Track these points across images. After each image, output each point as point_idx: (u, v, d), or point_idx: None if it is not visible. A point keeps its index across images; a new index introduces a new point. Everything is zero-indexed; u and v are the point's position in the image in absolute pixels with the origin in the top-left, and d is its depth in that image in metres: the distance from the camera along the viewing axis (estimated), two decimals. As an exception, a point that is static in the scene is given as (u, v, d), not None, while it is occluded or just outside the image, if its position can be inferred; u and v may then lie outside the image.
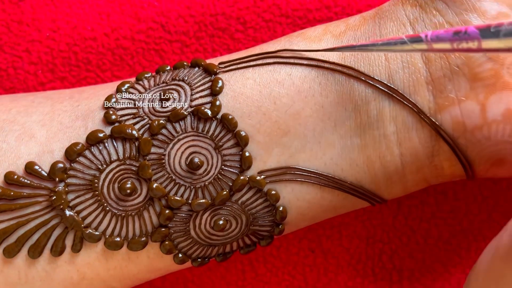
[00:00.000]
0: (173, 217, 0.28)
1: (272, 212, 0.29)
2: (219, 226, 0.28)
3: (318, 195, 0.29)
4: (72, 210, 0.28)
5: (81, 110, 0.29)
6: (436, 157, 0.28)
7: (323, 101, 0.28)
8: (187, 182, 0.28)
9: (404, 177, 0.29)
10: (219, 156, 0.28)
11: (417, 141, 0.28)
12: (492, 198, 0.36)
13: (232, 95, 0.28)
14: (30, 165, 0.28)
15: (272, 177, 0.28)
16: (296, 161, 0.28)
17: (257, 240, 0.30)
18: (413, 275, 0.36)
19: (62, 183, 0.28)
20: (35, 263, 0.28)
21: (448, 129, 0.28)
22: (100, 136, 0.28)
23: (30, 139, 0.28)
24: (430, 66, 0.28)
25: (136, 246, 0.28)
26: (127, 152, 0.28)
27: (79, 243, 0.28)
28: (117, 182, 0.28)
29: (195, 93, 0.29)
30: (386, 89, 0.28)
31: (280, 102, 0.28)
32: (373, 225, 0.36)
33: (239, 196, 0.28)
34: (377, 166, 0.28)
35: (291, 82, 0.28)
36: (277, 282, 0.36)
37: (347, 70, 0.28)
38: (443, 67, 0.27)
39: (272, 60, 0.29)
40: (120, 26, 0.37)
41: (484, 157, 0.28)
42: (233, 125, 0.28)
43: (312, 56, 0.29)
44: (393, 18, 0.29)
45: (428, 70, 0.28)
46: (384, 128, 0.28)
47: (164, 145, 0.28)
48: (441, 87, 0.27)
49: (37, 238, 0.28)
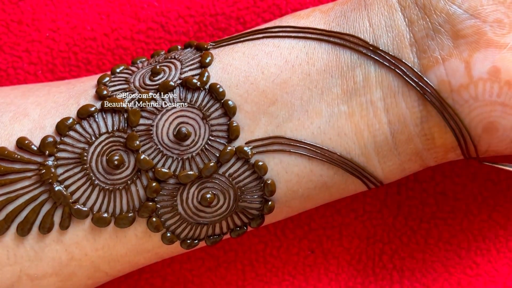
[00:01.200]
0: (160, 190, 0.28)
1: (260, 186, 0.29)
2: (207, 200, 0.28)
3: (307, 167, 0.29)
4: (60, 185, 0.28)
5: (76, 90, 0.30)
6: (425, 123, 0.28)
7: (310, 69, 0.28)
8: (175, 154, 0.28)
9: (395, 149, 0.29)
10: (206, 126, 0.28)
11: (404, 105, 0.28)
12: (492, 198, 0.36)
13: (220, 67, 0.29)
14: (21, 140, 0.28)
15: (260, 147, 0.28)
16: (283, 131, 0.28)
17: (247, 221, 0.30)
18: (413, 275, 0.36)
19: (52, 158, 0.28)
20: (24, 242, 0.28)
21: (434, 91, 0.28)
22: (90, 110, 0.28)
23: (24, 118, 0.29)
24: (413, 27, 0.28)
25: (123, 222, 0.28)
26: (116, 124, 0.28)
27: (67, 219, 0.28)
28: (105, 155, 0.28)
29: (184, 67, 0.29)
30: (371, 53, 0.28)
31: (267, 72, 0.28)
32: (373, 225, 0.36)
33: (227, 168, 0.28)
34: (365, 135, 0.28)
35: (279, 52, 0.29)
36: (277, 282, 0.36)
37: (333, 38, 0.28)
38: (425, 27, 0.28)
39: (261, 35, 0.29)
40: (120, 26, 0.37)
41: (473, 120, 0.28)
42: (221, 94, 0.28)
43: (299, 27, 0.29)
44: None
45: (411, 32, 0.28)
46: (371, 93, 0.28)
47: (153, 116, 0.28)
48: (424, 47, 0.28)
49: (26, 215, 0.28)
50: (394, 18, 0.28)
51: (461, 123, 0.28)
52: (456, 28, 0.27)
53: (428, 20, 0.28)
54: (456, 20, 0.27)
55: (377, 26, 0.28)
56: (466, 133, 0.28)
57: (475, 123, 0.28)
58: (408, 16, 0.28)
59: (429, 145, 0.29)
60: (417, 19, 0.28)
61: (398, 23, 0.28)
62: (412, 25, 0.28)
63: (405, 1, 0.28)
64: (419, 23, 0.28)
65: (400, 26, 0.28)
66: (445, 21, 0.27)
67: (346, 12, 0.29)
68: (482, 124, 0.28)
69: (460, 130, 0.28)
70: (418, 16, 0.28)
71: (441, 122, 0.28)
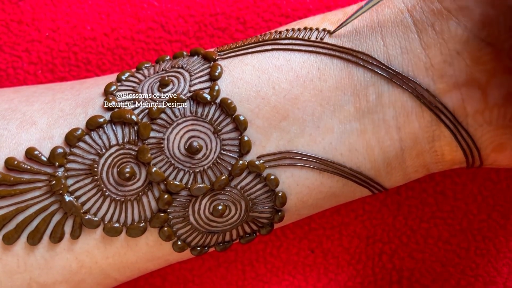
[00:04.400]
0: (172, 202, 0.28)
1: (271, 198, 0.29)
2: (218, 212, 0.28)
3: (318, 180, 0.29)
4: (71, 195, 0.28)
5: (82, 98, 0.29)
6: (436, 142, 0.28)
7: (322, 85, 0.28)
8: (186, 167, 0.28)
9: (403, 162, 0.29)
10: (218, 141, 0.28)
11: (417, 125, 0.28)
12: (492, 198, 0.36)
13: (231, 80, 0.29)
14: (30, 151, 0.28)
15: (271, 161, 0.28)
16: (295, 146, 0.28)
17: (257, 229, 0.30)
18: (412, 275, 0.36)
19: (61, 168, 0.28)
20: (34, 251, 0.28)
21: (449, 114, 0.28)
22: (100, 121, 0.28)
23: (31, 126, 0.28)
24: (430, 51, 0.28)
25: (135, 232, 0.28)
26: (126, 137, 0.28)
27: (78, 229, 0.28)
28: (116, 166, 0.28)
29: (194, 79, 0.29)
30: (385, 73, 0.28)
31: (278, 87, 0.28)
32: (373, 225, 0.36)
33: (238, 181, 0.28)
34: (376, 151, 0.28)
35: (290, 67, 0.28)
36: (277, 282, 0.36)
37: (345, 55, 0.28)
38: (443, 52, 0.28)
39: (270, 47, 0.29)
40: (120, 26, 0.37)
41: (485, 141, 0.28)
42: (232, 109, 0.28)
43: (310, 40, 0.29)
44: (391, 5, 0.29)
45: (428, 55, 0.28)
46: (383, 112, 0.28)
47: (163, 130, 0.28)
48: (442, 72, 0.27)
49: (37, 224, 0.28)
50: (410, 40, 0.28)
51: (473, 144, 0.28)
52: (474, 55, 0.27)
53: (446, 46, 0.27)
54: (474, 47, 0.27)
55: (391, 46, 0.28)
56: (476, 152, 0.29)
57: (486, 144, 0.29)
58: (424, 39, 0.28)
59: (438, 159, 0.29)
60: (434, 44, 0.28)
61: (415, 46, 0.28)
62: (429, 49, 0.28)
63: (422, 24, 0.28)
64: (436, 47, 0.28)
65: (416, 48, 0.28)
66: (463, 48, 0.27)
67: (358, 27, 0.29)
68: (493, 145, 0.29)
69: (471, 150, 0.29)
70: (435, 40, 0.27)
71: (453, 142, 0.28)
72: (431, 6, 0.28)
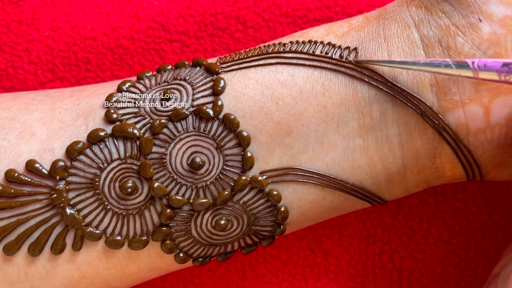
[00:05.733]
0: (174, 216, 0.28)
1: (273, 212, 0.29)
2: (221, 226, 0.28)
3: (320, 195, 0.29)
4: (72, 208, 0.28)
5: (82, 108, 0.29)
6: (438, 159, 0.28)
7: (326, 101, 0.28)
8: (189, 182, 0.28)
9: (405, 178, 0.29)
10: (220, 156, 0.28)
11: (420, 143, 0.28)
12: (492, 198, 0.36)
13: (234, 95, 0.28)
14: (30, 163, 0.28)
15: (274, 177, 0.28)
16: (298, 162, 0.28)
17: (258, 240, 0.30)
18: (412, 275, 0.36)
19: (62, 181, 0.28)
20: (35, 261, 0.28)
21: (451, 132, 0.28)
22: (101, 134, 0.28)
23: (30, 137, 0.28)
24: None
25: (137, 245, 0.28)
26: (128, 151, 0.28)
27: (79, 241, 0.28)
28: (118, 181, 0.28)
29: (196, 92, 0.29)
30: (390, 90, 0.28)
31: (282, 103, 0.28)
32: (373, 225, 0.36)
33: (241, 196, 0.28)
34: (379, 167, 0.28)
35: (294, 82, 0.28)
36: (277, 282, 0.36)
37: (350, 71, 0.28)
38: None
39: (274, 61, 0.29)
40: (120, 25, 0.37)
41: (486, 159, 0.28)
42: (235, 125, 0.28)
43: (314, 54, 0.29)
44: (398, 19, 0.28)
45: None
46: (387, 129, 0.28)
47: (166, 145, 0.28)
48: (446, 89, 0.27)
49: (38, 236, 0.28)
50: (416, 56, 0.27)
51: (473, 162, 0.28)
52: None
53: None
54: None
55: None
56: (476, 169, 0.29)
57: (486, 162, 0.29)
58: (431, 55, 0.27)
59: (439, 175, 0.29)
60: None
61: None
62: None
63: (429, 39, 0.27)
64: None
65: None
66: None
67: (363, 41, 0.28)
68: (493, 163, 0.29)
69: (471, 167, 0.29)
70: (441, 56, 0.27)
71: (454, 159, 0.28)
72: (439, 22, 0.28)
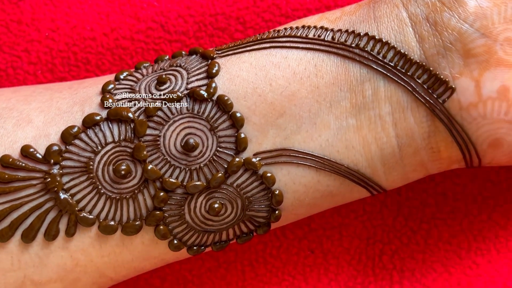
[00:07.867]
0: (168, 199, 0.28)
1: (268, 196, 0.29)
2: (214, 210, 0.28)
3: (315, 178, 0.29)
4: (66, 193, 0.28)
5: (79, 96, 0.29)
6: (432, 138, 0.28)
7: (319, 82, 0.28)
8: (182, 164, 0.28)
9: (401, 160, 0.29)
10: (214, 138, 0.28)
11: (412, 120, 0.28)
12: (492, 199, 0.36)
13: (228, 78, 0.29)
14: (25, 148, 0.28)
15: (268, 159, 0.28)
16: (291, 143, 0.28)
17: (253, 228, 0.30)
18: (413, 276, 0.36)
19: (57, 166, 0.28)
20: (28, 248, 0.28)
21: (443, 108, 0.28)
22: (96, 118, 0.28)
23: (27, 125, 0.28)
24: (423, 44, 0.28)
25: (130, 230, 0.28)
26: (123, 134, 0.28)
27: (73, 226, 0.28)
28: (112, 164, 0.28)
29: (191, 76, 0.29)
30: (381, 68, 0.28)
31: (275, 84, 0.28)
32: (373, 226, 0.36)
33: (235, 178, 0.28)
34: (373, 148, 0.28)
35: (287, 64, 0.28)
36: (277, 282, 0.36)
37: (342, 51, 0.28)
38: (436, 45, 0.28)
39: (268, 45, 0.29)
40: (119, 26, 0.37)
41: (480, 136, 0.28)
42: (228, 106, 0.28)
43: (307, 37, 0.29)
44: (387, 1, 0.29)
45: (421, 48, 0.28)
46: (380, 108, 0.28)
47: (160, 127, 0.28)
48: (435, 64, 0.28)
49: (31, 222, 0.28)
50: (405, 33, 0.28)
51: (468, 139, 0.28)
52: (467, 46, 0.27)
53: (439, 38, 0.28)
54: (468, 39, 0.27)
55: (387, 40, 0.28)
56: (472, 148, 0.29)
57: (481, 139, 0.28)
58: (419, 32, 0.28)
59: (435, 157, 0.29)
60: (428, 36, 0.28)
61: (409, 39, 0.28)
62: (423, 42, 0.28)
63: (416, 16, 0.28)
64: (430, 40, 0.28)
65: (410, 42, 0.28)
66: (457, 39, 0.27)
67: (355, 24, 0.29)
68: (488, 140, 0.28)
69: (467, 145, 0.29)
70: (429, 32, 0.28)
71: (448, 137, 0.28)
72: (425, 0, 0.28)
